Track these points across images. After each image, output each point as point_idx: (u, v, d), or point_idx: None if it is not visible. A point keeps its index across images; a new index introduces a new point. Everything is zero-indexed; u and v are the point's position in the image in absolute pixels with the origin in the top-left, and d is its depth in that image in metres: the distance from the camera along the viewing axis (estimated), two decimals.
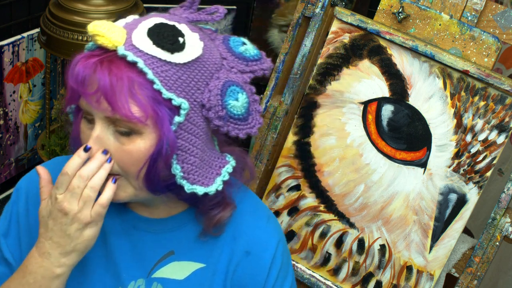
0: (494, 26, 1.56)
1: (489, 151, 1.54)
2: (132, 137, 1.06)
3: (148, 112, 1.03)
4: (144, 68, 1.02)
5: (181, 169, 1.10)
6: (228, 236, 1.23)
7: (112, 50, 1.04)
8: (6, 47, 2.08)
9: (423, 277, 1.61)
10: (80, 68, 1.03)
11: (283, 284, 1.25)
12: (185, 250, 1.22)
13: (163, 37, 1.05)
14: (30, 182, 1.26)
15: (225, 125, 1.12)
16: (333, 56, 1.64)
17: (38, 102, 2.29)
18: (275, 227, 1.27)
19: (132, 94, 1.02)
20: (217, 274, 1.22)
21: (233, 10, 2.51)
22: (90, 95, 1.02)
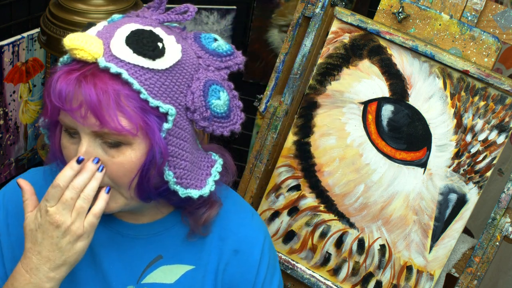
0: (494, 26, 1.57)
1: (489, 151, 1.54)
2: (121, 148, 1.04)
3: (137, 122, 1.02)
4: (129, 79, 1.00)
5: (173, 175, 1.09)
6: (215, 236, 1.22)
7: (91, 62, 1.01)
8: (6, 47, 2.08)
9: (423, 277, 1.61)
10: (63, 85, 1.00)
11: (272, 279, 1.26)
12: (173, 253, 1.21)
13: (143, 44, 1.02)
14: (8, 196, 1.23)
15: (210, 125, 1.11)
16: (333, 56, 1.64)
17: (38, 102, 2.29)
18: (259, 223, 1.28)
19: (119, 106, 1.00)
20: (207, 275, 1.22)
21: (233, 10, 2.51)
22: (75, 111, 1.00)
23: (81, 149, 1.03)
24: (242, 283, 1.24)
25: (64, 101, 1.00)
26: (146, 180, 1.07)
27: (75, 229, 1.04)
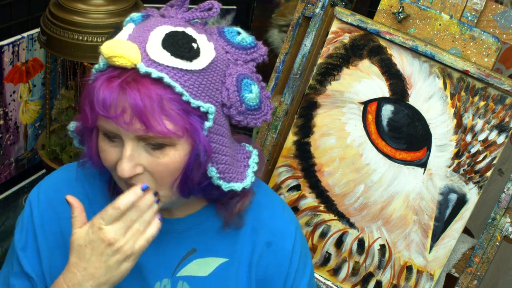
0: (494, 26, 1.56)
1: (489, 151, 1.54)
2: (165, 150, 1.05)
3: (181, 124, 1.03)
4: (171, 83, 1.01)
5: (216, 170, 1.11)
6: (248, 228, 1.25)
7: (130, 68, 1.01)
8: (6, 47, 2.08)
9: (423, 277, 1.61)
10: (106, 93, 1.00)
11: (305, 269, 1.29)
12: (206, 246, 1.23)
13: (179, 46, 1.03)
14: (42, 194, 1.24)
15: (245, 118, 1.13)
16: (333, 56, 1.64)
17: (38, 102, 2.29)
18: (290, 215, 1.30)
19: (164, 110, 1.01)
20: (241, 267, 1.24)
21: (233, 10, 2.51)
22: (119, 118, 1.00)
23: (126, 153, 1.04)
24: (276, 274, 1.25)
25: (109, 109, 1.00)
26: (190, 178, 1.08)
27: (126, 249, 1.06)
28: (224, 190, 1.13)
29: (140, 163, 1.06)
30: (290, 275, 1.26)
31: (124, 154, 1.04)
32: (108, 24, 1.93)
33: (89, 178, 1.23)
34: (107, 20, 1.93)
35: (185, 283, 1.23)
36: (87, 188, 1.23)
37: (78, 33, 1.92)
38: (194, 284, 1.23)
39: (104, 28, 1.92)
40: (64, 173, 1.27)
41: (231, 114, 1.11)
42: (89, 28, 1.91)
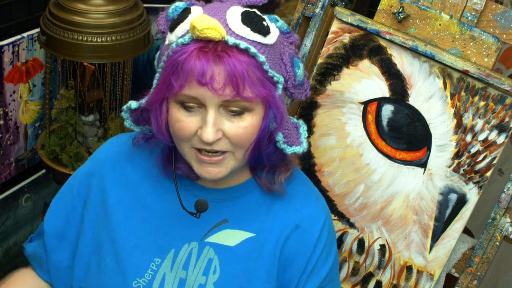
0: (494, 26, 1.57)
1: (489, 151, 1.54)
2: (244, 115, 1.17)
3: (262, 90, 1.15)
4: (256, 52, 1.13)
5: (282, 135, 1.24)
6: (280, 210, 1.33)
7: (217, 41, 1.12)
8: (6, 47, 2.08)
9: (423, 277, 1.61)
10: (203, 61, 1.11)
11: (328, 258, 1.35)
12: (238, 219, 1.32)
13: (255, 23, 1.16)
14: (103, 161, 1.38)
15: (296, 91, 1.29)
16: (333, 56, 1.64)
17: (38, 102, 2.29)
18: (323, 206, 1.38)
19: (250, 77, 1.13)
20: (267, 245, 1.31)
21: None
22: (213, 83, 1.11)
23: (210, 119, 1.15)
24: (299, 256, 1.32)
25: (204, 75, 1.11)
26: (262, 142, 1.22)
27: None
28: (288, 153, 1.26)
29: (221, 129, 1.17)
30: (311, 260, 1.33)
31: (208, 120, 1.15)
32: (108, 24, 1.93)
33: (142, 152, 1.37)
34: (107, 20, 1.93)
35: (211, 249, 1.31)
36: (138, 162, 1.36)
37: (78, 33, 1.92)
38: (220, 251, 1.31)
39: (104, 28, 1.92)
40: (121, 144, 1.40)
41: (288, 87, 1.26)
42: (89, 28, 1.91)
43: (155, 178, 1.34)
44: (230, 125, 1.17)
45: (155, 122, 1.23)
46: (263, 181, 1.32)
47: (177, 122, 1.19)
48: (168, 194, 1.33)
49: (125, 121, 1.29)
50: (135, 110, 1.27)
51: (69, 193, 1.40)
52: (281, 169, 1.32)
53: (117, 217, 1.33)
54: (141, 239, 1.32)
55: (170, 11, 1.24)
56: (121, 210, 1.34)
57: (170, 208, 1.33)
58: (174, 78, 1.14)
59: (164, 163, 1.32)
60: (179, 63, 1.13)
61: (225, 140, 1.18)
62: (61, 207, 1.40)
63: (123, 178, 1.35)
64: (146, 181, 1.35)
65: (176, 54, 1.14)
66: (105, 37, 1.92)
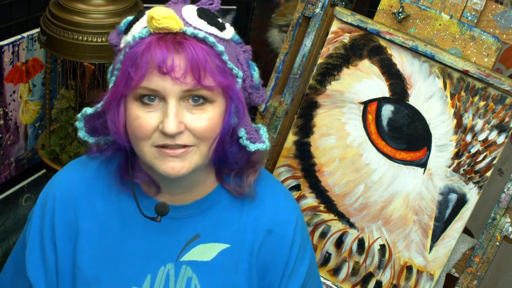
0: (494, 26, 1.56)
1: (489, 151, 1.54)
2: (205, 106, 1.15)
3: (222, 80, 1.14)
4: (214, 42, 1.13)
5: (245, 131, 1.22)
6: (251, 217, 1.30)
7: (174, 32, 1.11)
8: (6, 47, 2.08)
9: (423, 277, 1.61)
10: (163, 50, 1.10)
11: (304, 256, 1.33)
12: (210, 232, 1.29)
13: (211, 17, 1.16)
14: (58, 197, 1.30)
15: (253, 92, 1.25)
16: (333, 56, 1.64)
17: (38, 102, 2.29)
18: (293, 204, 1.36)
19: (210, 66, 1.12)
20: (243, 254, 1.29)
21: (233, 10, 2.51)
22: (174, 71, 1.10)
23: (171, 110, 1.12)
24: (275, 261, 1.30)
25: (164, 64, 1.10)
26: (226, 136, 1.19)
27: None
28: (251, 150, 1.23)
29: (183, 121, 1.13)
30: (289, 263, 1.31)
31: (170, 111, 1.12)
32: (108, 24, 1.93)
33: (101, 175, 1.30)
34: (107, 20, 1.93)
35: (188, 268, 1.28)
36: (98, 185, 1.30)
37: (78, 33, 1.92)
38: (197, 268, 1.28)
39: (104, 28, 1.92)
40: (74, 170, 1.33)
41: (246, 86, 1.23)
42: (89, 28, 1.91)
43: (115, 200, 1.28)
44: (192, 117, 1.14)
45: (113, 123, 1.18)
46: (232, 186, 1.28)
47: (136, 120, 1.15)
48: (132, 215, 1.27)
49: (78, 131, 1.23)
50: (90, 117, 1.21)
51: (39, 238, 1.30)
52: (249, 171, 1.28)
53: (87, 252, 1.27)
54: (114, 270, 1.27)
55: (121, 25, 1.21)
56: (89, 244, 1.27)
57: (140, 232, 1.27)
58: (133, 70, 1.11)
59: (122, 176, 1.26)
60: (137, 54, 1.11)
61: (188, 134, 1.15)
62: (37, 258, 1.30)
63: (85, 207, 1.28)
64: (107, 205, 1.28)
65: (134, 47, 1.12)
66: (105, 37, 1.92)
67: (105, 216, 1.28)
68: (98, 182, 1.29)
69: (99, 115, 1.21)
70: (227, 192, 1.30)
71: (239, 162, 1.26)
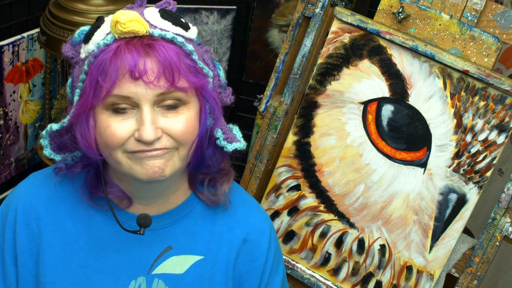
0: (494, 26, 1.57)
1: (489, 151, 1.54)
2: (179, 109, 1.12)
3: (195, 80, 1.11)
4: (183, 42, 1.10)
5: (221, 131, 1.19)
6: (224, 227, 1.27)
7: (141, 35, 1.08)
8: (6, 47, 2.08)
9: (423, 277, 1.61)
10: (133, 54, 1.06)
11: (278, 266, 1.33)
12: (182, 244, 1.25)
13: (175, 18, 1.13)
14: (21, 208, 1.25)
15: (222, 91, 1.22)
16: (333, 56, 1.64)
17: (38, 102, 2.29)
18: (265, 214, 1.35)
19: (182, 67, 1.09)
20: (218, 265, 1.26)
21: (233, 10, 2.51)
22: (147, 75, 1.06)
23: (147, 117, 1.08)
24: (252, 270, 1.29)
25: (138, 67, 1.06)
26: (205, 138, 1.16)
27: None
28: (229, 150, 1.19)
29: (159, 127, 1.10)
30: (266, 271, 1.30)
31: (145, 117, 1.08)
32: None
33: (66, 188, 1.25)
34: None
35: (161, 281, 1.24)
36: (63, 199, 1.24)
37: None
38: (170, 281, 1.24)
39: None
40: (37, 183, 1.27)
41: (214, 85, 1.19)
42: None
43: (84, 215, 1.23)
44: (168, 121, 1.11)
45: (83, 137, 1.12)
46: (206, 194, 1.25)
47: (107, 129, 1.10)
48: (102, 229, 1.23)
49: (44, 149, 1.17)
50: (57, 133, 1.16)
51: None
52: (223, 179, 1.25)
53: (51, 267, 1.22)
54: (81, 285, 1.22)
55: (76, 36, 1.17)
56: (54, 258, 1.22)
57: (108, 244, 1.22)
58: (102, 78, 1.06)
59: (91, 191, 1.21)
60: (105, 61, 1.06)
61: (166, 137, 1.11)
62: None
63: (50, 221, 1.23)
64: (76, 221, 1.23)
65: (100, 55, 1.07)
66: None
67: (73, 232, 1.22)
68: (65, 198, 1.24)
69: (66, 130, 1.15)
70: (200, 201, 1.27)
71: (214, 165, 1.22)
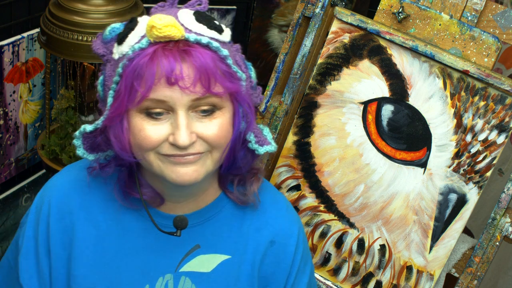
0: (494, 26, 1.57)
1: (489, 151, 1.54)
2: (214, 114, 1.12)
3: (230, 85, 1.11)
4: (218, 47, 1.09)
5: (253, 134, 1.19)
6: (252, 228, 1.28)
7: (176, 39, 1.07)
8: (6, 47, 2.08)
9: (423, 277, 1.61)
10: (170, 59, 1.06)
11: (305, 268, 1.32)
12: (210, 243, 1.27)
13: (209, 20, 1.13)
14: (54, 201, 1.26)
15: (254, 93, 1.22)
16: (333, 56, 1.64)
17: (38, 102, 2.29)
18: (294, 215, 1.34)
19: (218, 72, 1.09)
20: (244, 265, 1.27)
21: (233, 10, 2.51)
22: (183, 81, 1.06)
23: (182, 122, 1.08)
24: (277, 272, 1.29)
25: (174, 72, 1.06)
26: (238, 142, 1.17)
27: None
28: (260, 153, 1.21)
29: (194, 131, 1.11)
30: (292, 274, 1.30)
31: (180, 122, 1.09)
32: (108, 24, 1.92)
33: (99, 184, 1.26)
34: (107, 20, 1.93)
35: (188, 279, 1.25)
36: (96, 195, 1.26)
37: (78, 33, 1.92)
38: (196, 279, 1.25)
39: (104, 28, 1.92)
40: (71, 176, 1.28)
41: (247, 88, 1.19)
42: (89, 28, 1.91)
43: (116, 212, 1.25)
44: (202, 125, 1.11)
45: (117, 139, 1.13)
46: (235, 194, 1.26)
47: (141, 131, 1.10)
48: (133, 226, 1.24)
49: (77, 149, 1.18)
50: (90, 134, 1.17)
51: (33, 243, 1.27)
52: (252, 179, 1.26)
53: (83, 260, 1.24)
54: (111, 279, 1.24)
55: (106, 33, 1.18)
56: (86, 252, 1.24)
57: (138, 241, 1.24)
58: (137, 82, 1.07)
59: (124, 191, 1.22)
60: (141, 65, 1.06)
61: (200, 142, 1.12)
62: (31, 264, 1.27)
63: (83, 216, 1.25)
64: (107, 217, 1.25)
65: (135, 58, 1.07)
66: None
67: (105, 227, 1.24)
68: (98, 193, 1.25)
69: (100, 131, 1.16)
70: (230, 200, 1.28)
71: (245, 167, 1.24)
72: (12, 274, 1.29)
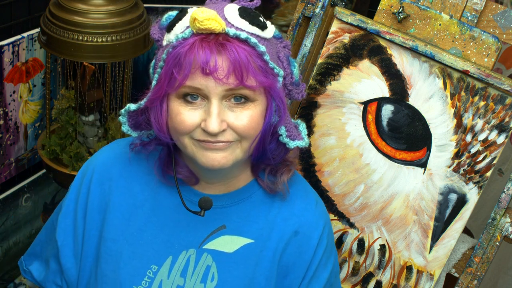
0: (494, 26, 1.57)
1: (489, 151, 1.54)
2: (246, 105, 1.18)
3: (263, 80, 1.16)
4: (256, 43, 1.15)
5: (285, 128, 1.25)
6: (279, 217, 1.32)
7: (217, 32, 1.13)
8: (6, 47, 2.08)
9: (423, 277, 1.61)
10: (207, 51, 1.12)
11: (327, 263, 1.35)
12: (236, 225, 1.31)
13: (253, 17, 1.18)
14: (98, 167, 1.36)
15: (293, 89, 1.28)
16: (333, 56, 1.64)
17: (38, 102, 2.29)
18: (322, 211, 1.38)
19: (252, 66, 1.14)
20: (265, 251, 1.31)
21: None
22: (217, 72, 1.12)
23: (214, 110, 1.15)
24: (298, 262, 1.32)
25: (209, 64, 1.12)
26: (268, 134, 1.23)
27: None
28: (291, 147, 1.26)
29: (225, 120, 1.17)
30: (311, 267, 1.33)
31: (212, 110, 1.16)
32: (108, 24, 1.93)
33: (139, 159, 1.35)
34: (107, 20, 1.93)
35: (209, 256, 1.30)
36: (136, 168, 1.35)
37: (78, 33, 1.92)
38: (218, 258, 1.30)
39: (104, 28, 1.92)
40: (116, 150, 1.38)
41: (286, 84, 1.27)
42: (89, 28, 1.91)
43: (154, 186, 1.33)
44: (234, 115, 1.18)
45: (156, 120, 1.22)
46: (266, 182, 1.32)
47: (178, 116, 1.18)
48: (166, 201, 1.32)
49: (122, 126, 1.28)
50: (134, 113, 1.26)
51: (73, 205, 1.38)
52: (283, 169, 1.32)
53: (115, 225, 1.33)
54: (138, 247, 1.31)
55: (163, 20, 1.25)
56: (119, 218, 1.33)
57: (169, 215, 1.32)
58: (176, 70, 1.14)
59: (163, 169, 1.31)
60: (181, 54, 1.14)
61: (230, 131, 1.18)
62: (68, 223, 1.38)
63: (121, 185, 1.34)
64: (144, 189, 1.34)
65: (178, 47, 1.15)
66: (105, 37, 1.92)
67: (140, 197, 1.33)
68: (139, 166, 1.35)
69: (142, 111, 1.24)
70: (260, 187, 1.33)
71: (276, 158, 1.29)
72: (53, 232, 1.39)
